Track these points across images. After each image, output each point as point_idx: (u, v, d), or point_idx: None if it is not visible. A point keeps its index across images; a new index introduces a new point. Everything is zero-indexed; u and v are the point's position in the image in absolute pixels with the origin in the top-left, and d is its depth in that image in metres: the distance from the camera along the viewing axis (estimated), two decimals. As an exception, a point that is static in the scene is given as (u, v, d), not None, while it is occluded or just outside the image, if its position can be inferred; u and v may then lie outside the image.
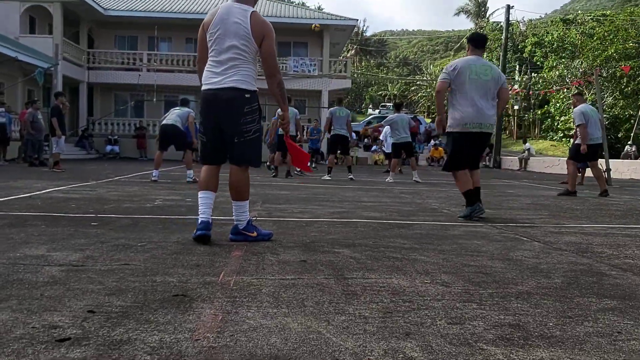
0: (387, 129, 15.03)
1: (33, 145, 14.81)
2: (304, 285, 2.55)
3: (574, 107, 9.34)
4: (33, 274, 2.60)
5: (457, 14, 60.98)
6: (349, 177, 11.86)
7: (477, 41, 5.57)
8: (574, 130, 9.96)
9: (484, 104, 5.30)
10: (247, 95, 3.54)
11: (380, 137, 18.76)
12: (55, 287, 2.38)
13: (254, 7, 3.62)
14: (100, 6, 24.51)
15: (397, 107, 12.55)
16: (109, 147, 24.08)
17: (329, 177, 11.91)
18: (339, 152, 12.92)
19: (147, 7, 26.21)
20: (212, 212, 3.72)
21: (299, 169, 13.38)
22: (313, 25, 14.60)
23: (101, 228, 4.10)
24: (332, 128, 12.02)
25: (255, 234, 3.69)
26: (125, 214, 4.98)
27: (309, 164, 4.79)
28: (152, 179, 9.45)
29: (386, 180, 11.81)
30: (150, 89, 24.33)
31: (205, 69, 3.63)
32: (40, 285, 2.40)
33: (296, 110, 12.10)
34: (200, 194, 3.66)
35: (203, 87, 3.63)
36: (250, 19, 3.50)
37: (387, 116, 13.59)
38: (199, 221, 3.57)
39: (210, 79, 3.58)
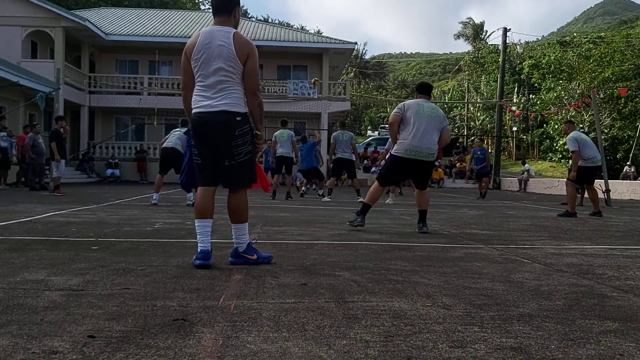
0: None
1: (34, 169, 14.83)
2: (304, 309, 2.55)
3: (566, 135, 9.43)
4: (33, 299, 2.59)
5: (457, 37, 61.45)
6: (359, 200, 11.85)
7: (422, 88, 6.60)
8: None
9: (427, 138, 6.03)
10: (238, 118, 3.53)
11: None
12: (56, 311, 2.37)
13: (235, 29, 3.62)
14: (102, 31, 24.78)
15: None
16: (109, 171, 24.13)
17: (329, 198, 11.92)
18: (344, 175, 12.99)
19: (147, 32, 26.50)
20: (212, 235, 3.73)
21: (303, 188, 13.60)
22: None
23: (101, 252, 4.10)
24: (335, 152, 12.04)
25: (255, 257, 3.67)
26: (125, 238, 4.98)
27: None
28: (152, 202, 9.44)
29: (386, 201, 11.80)
30: (151, 112, 24.46)
31: (194, 94, 3.61)
32: (41, 310, 2.40)
33: (292, 132, 12.34)
34: (197, 222, 3.61)
35: (194, 110, 3.60)
36: (234, 39, 3.49)
37: (386, 137, 13.72)
38: (199, 250, 3.54)
39: (200, 102, 3.56)
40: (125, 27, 27.01)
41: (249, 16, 67.13)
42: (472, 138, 43.27)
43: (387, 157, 7.18)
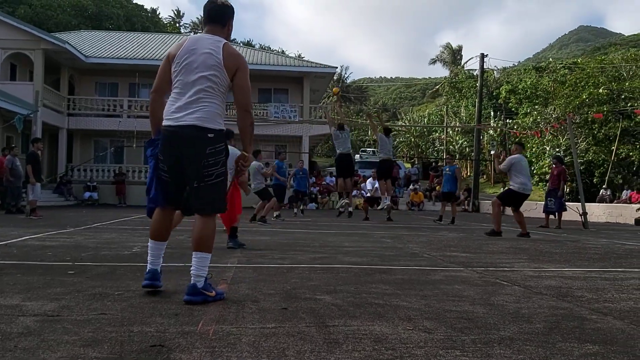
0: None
1: (12, 192, 14.58)
2: (284, 334, 2.52)
3: (511, 155, 9.82)
4: (7, 325, 2.52)
5: (433, 62, 62.52)
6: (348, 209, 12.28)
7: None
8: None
9: None
10: (210, 135, 3.21)
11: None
12: (30, 338, 2.31)
13: (227, 39, 3.41)
14: (82, 53, 24.68)
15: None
16: (87, 194, 23.81)
17: (345, 201, 12.34)
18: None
19: (128, 54, 26.47)
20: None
21: (276, 214, 13.30)
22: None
23: (78, 276, 4.02)
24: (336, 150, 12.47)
25: (214, 293, 3.24)
26: (102, 262, 4.90)
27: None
28: None
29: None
30: (130, 135, 24.27)
31: (168, 101, 3.34)
32: (15, 336, 2.34)
33: (258, 164, 11.72)
34: (151, 243, 3.40)
35: (163, 123, 3.31)
36: (223, 49, 3.26)
37: (367, 161, 13.97)
38: (147, 269, 3.35)
39: (172, 115, 3.27)
40: (106, 50, 26.94)
41: (232, 39, 67.65)
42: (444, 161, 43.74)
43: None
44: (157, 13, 64.25)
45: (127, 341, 2.31)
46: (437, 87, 57.84)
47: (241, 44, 49.39)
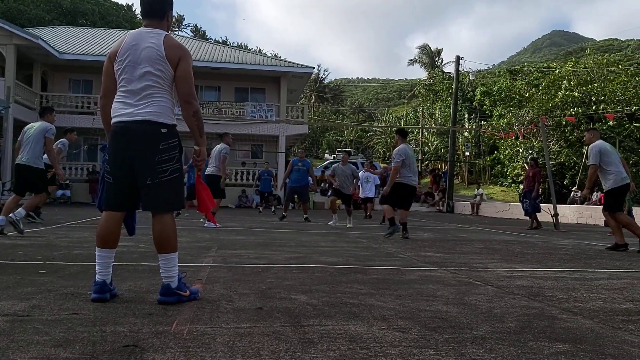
0: (362, 174, 15.47)
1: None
2: (259, 333, 2.51)
3: (397, 146, 9.09)
4: (-26, 326, 2.47)
5: (412, 63, 63.01)
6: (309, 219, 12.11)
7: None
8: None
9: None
10: (163, 130, 3.12)
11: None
12: (-2, 339, 2.27)
13: (167, 32, 3.29)
14: (55, 49, 24.25)
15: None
16: (60, 192, 23.38)
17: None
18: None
19: (102, 51, 26.07)
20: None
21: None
22: None
23: (49, 276, 3.96)
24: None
25: (188, 293, 3.19)
26: (75, 261, 4.82)
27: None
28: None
29: (344, 225, 11.84)
30: (104, 132, 23.93)
31: (115, 101, 3.21)
32: (-18, 337, 2.29)
33: (223, 146, 10.73)
34: (98, 251, 3.18)
35: (112, 120, 3.18)
36: (164, 41, 3.15)
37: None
38: (95, 281, 3.15)
39: (120, 111, 3.15)
40: (80, 46, 26.52)
41: (207, 38, 67.09)
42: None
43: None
44: (133, 10, 63.48)
45: (99, 341, 2.28)
46: (414, 90, 58.27)
47: (217, 41, 49.01)
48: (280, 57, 56.97)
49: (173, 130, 3.20)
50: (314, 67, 28.71)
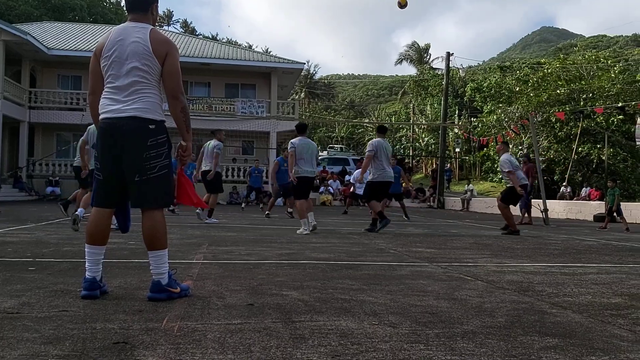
0: (356, 173, 15.43)
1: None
2: (250, 329, 2.51)
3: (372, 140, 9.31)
4: (-38, 324, 2.45)
5: (400, 61, 62.84)
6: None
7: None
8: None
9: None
10: (151, 126, 3.10)
11: (351, 179, 19.40)
12: (-13, 337, 2.25)
13: (153, 26, 3.25)
14: (44, 45, 24.04)
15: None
16: (49, 189, 23.26)
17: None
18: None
19: (91, 47, 25.84)
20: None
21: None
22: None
23: (39, 273, 3.93)
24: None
25: (179, 289, 3.18)
26: (65, 258, 4.80)
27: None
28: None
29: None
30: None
31: (102, 97, 3.18)
32: (-30, 335, 2.27)
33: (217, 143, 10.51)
34: (88, 248, 3.15)
35: (100, 117, 3.16)
36: (150, 36, 3.11)
37: (335, 157, 13.77)
38: (85, 278, 3.13)
39: (108, 107, 3.12)
40: (69, 42, 26.30)
41: (197, 34, 66.76)
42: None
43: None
44: (122, 5, 63.02)
45: (89, 338, 2.27)
46: (405, 87, 58.31)
47: (207, 37, 48.79)
48: (270, 52, 56.87)
49: (162, 126, 3.17)
50: (304, 63, 28.71)
